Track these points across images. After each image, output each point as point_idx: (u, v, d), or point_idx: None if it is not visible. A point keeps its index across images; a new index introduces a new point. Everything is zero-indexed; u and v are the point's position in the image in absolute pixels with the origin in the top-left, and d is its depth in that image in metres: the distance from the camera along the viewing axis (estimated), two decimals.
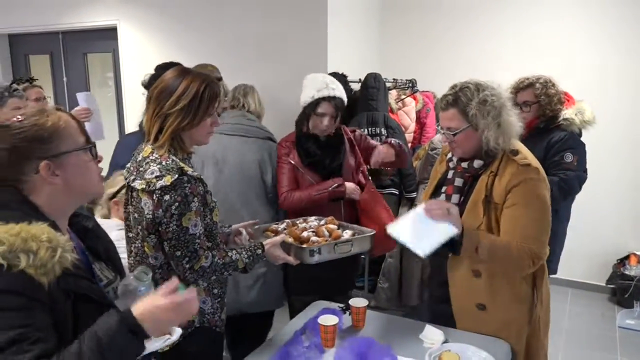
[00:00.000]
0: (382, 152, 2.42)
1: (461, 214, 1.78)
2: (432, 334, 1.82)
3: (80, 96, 3.19)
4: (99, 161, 1.30)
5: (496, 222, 1.79)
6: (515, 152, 1.81)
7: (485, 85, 1.81)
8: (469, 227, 1.75)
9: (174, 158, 1.61)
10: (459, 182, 1.89)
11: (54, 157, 1.13)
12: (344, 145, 2.56)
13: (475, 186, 1.84)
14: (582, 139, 2.85)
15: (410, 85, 4.00)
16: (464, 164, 1.88)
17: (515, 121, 1.81)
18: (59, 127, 1.15)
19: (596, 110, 2.86)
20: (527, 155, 1.83)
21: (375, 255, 2.51)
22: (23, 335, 0.98)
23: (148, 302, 1.09)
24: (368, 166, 2.58)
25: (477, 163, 1.85)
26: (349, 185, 2.49)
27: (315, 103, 2.42)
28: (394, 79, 3.94)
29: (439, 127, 2.28)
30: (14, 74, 5.66)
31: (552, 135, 2.71)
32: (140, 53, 4.53)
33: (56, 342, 1.03)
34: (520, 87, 2.77)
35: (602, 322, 3.74)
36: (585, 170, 2.78)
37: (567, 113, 2.74)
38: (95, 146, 1.23)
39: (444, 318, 1.92)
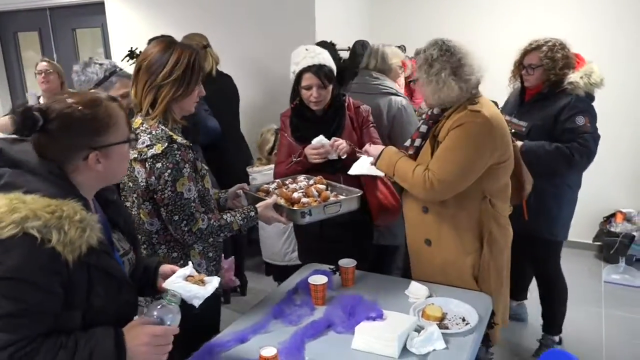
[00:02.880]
0: (360, 160, 2.22)
1: (419, 154, 2.02)
2: (417, 290, 1.93)
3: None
4: None
5: None
6: (474, 102, 1.90)
7: (441, 43, 1.91)
8: (391, 154, 2.04)
9: (163, 127, 1.68)
10: (423, 128, 2.07)
11: (103, 148, 1.20)
12: (342, 119, 2.39)
13: None
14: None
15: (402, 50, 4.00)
16: (429, 112, 2.07)
17: (455, 87, 1.88)
18: (112, 119, 1.21)
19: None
20: (484, 106, 1.90)
21: (379, 226, 2.54)
22: (24, 310, 1.07)
23: (140, 333, 1.17)
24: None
25: (436, 110, 2.02)
26: (312, 147, 2.28)
27: (298, 76, 2.30)
28: (383, 45, 3.94)
29: None
30: (4, 52, 5.64)
31: (557, 101, 2.61)
32: (129, 27, 4.51)
33: (49, 327, 1.11)
34: (527, 50, 2.72)
35: (589, 277, 3.86)
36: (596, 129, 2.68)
37: (572, 77, 2.63)
38: (136, 138, 1.27)
39: None
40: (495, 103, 2.18)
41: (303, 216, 1.93)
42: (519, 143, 2.49)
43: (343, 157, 2.25)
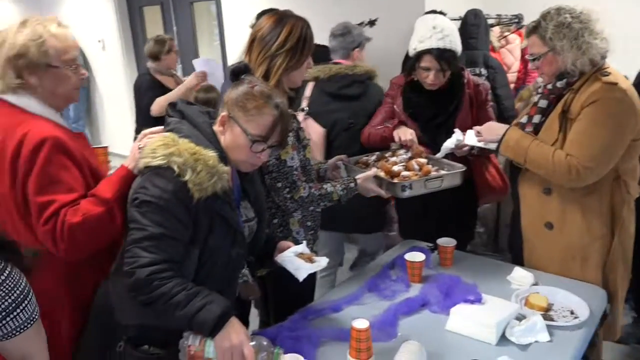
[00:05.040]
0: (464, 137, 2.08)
1: (539, 131, 1.85)
2: (521, 276, 1.81)
3: (197, 62, 3.55)
4: None
5: None
6: (606, 73, 1.73)
7: (567, 9, 1.78)
8: (518, 137, 1.84)
9: None
10: (543, 103, 1.89)
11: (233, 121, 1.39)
12: (460, 100, 2.22)
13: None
14: None
15: (516, 20, 3.73)
16: (549, 85, 1.87)
17: (598, 44, 1.73)
18: (258, 112, 1.38)
19: None
20: (618, 77, 1.74)
21: (481, 205, 2.43)
22: (164, 234, 1.26)
23: (241, 332, 1.27)
24: None
25: (560, 83, 1.83)
26: (400, 131, 2.21)
27: (418, 56, 2.14)
28: (497, 15, 3.69)
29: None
30: (131, 25, 6.11)
31: None
32: (241, 1, 4.65)
33: (182, 256, 1.30)
34: None
35: None
36: None
37: None
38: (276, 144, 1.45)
39: None
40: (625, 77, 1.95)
41: (403, 190, 1.89)
42: None
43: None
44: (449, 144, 2.10)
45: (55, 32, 1.44)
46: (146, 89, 3.54)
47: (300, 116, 2.61)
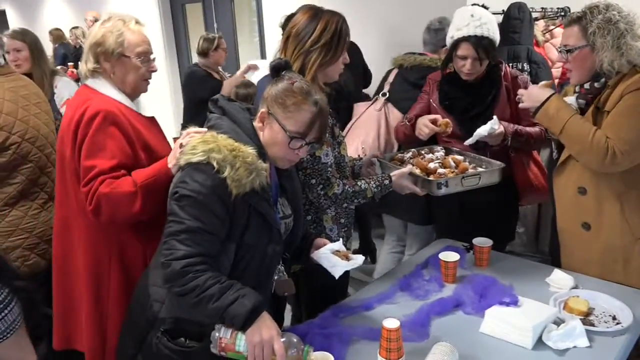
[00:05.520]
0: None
1: None
2: (560, 279, 1.76)
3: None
4: None
5: None
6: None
7: (617, 6, 1.70)
8: (561, 106, 1.76)
9: None
10: (580, 103, 1.82)
11: (272, 117, 1.39)
12: (497, 91, 2.20)
13: None
14: None
15: (562, 14, 3.59)
16: (587, 85, 1.80)
17: (638, 46, 1.66)
18: (297, 110, 1.38)
19: None
20: None
21: (524, 205, 2.36)
22: (201, 228, 1.28)
23: (272, 327, 1.27)
24: None
25: (598, 84, 1.77)
26: (422, 120, 2.17)
27: (456, 43, 2.14)
28: (542, 8, 3.57)
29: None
30: (174, 22, 6.25)
31: None
32: None
33: (217, 251, 1.32)
34: None
35: None
36: None
37: None
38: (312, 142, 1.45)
39: None
40: None
41: (439, 187, 1.86)
42: None
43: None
44: (482, 131, 2.05)
45: (133, 28, 1.65)
46: (199, 80, 3.72)
47: (381, 100, 2.69)
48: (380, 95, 2.75)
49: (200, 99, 3.48)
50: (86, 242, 1.65)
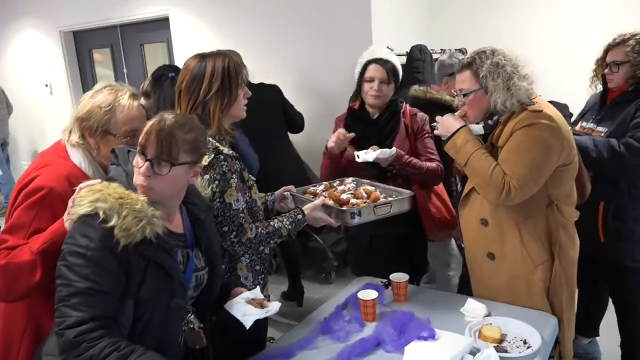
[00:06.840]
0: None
1: None
2: (474, 308, 1.81)
3: None
4: None
5: None
6: (531, 103, 1.80)
7: (501, 51, 1.84)
8: (469, 139, 1.85)
9: (210, 139, 1.67)
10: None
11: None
12: (396, 125, 2.32)
13: None
14: None
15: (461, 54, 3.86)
16: (481, 123, 1.92)
17: (525, 87, 1.80)
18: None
19: None
20: (543, 105, 1.81)
21: (434, 240, 2.42)
22: (92, 289, 1.18)
23: None
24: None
25: (491, 121, 1.89)
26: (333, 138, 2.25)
27: (364, 66, 2.30)
28: (441, 50, 3.83)
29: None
30: (80, 68, 6.01)
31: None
32: (191, 40, 4.67)
33: (114, 311, 1.22)
34: (611, 45, 2.43)
35: None
36: None
37: None
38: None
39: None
40: (554, 103, 2.01)
41: (352, 217, 1.87)
42: None
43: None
44: (370, 154, 2.12)
45: (123, 103, 1.56)
46: None
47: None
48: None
49: None
50: (4, 306, 1.55)
